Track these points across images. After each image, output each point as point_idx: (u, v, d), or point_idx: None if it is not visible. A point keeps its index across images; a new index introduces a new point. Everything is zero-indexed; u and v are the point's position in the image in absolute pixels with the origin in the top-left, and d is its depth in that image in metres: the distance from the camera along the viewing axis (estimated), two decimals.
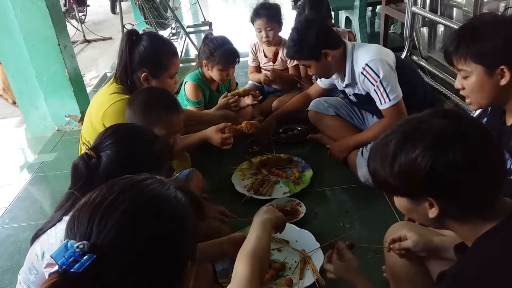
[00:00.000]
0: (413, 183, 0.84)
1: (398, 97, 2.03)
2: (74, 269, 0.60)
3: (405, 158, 0.84)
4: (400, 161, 0.85)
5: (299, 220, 1.87)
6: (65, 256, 0.61)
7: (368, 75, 2.03)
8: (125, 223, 0.66)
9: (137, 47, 1.88)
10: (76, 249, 0.62)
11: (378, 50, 2.11)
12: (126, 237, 0.65)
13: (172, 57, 1.94)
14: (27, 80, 2.98)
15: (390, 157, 0.86)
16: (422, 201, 0.87)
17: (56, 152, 2.85)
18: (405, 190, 0.89)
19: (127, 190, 0.70)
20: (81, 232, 0.66)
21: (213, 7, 6.95)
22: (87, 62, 5.08)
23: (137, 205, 0.69)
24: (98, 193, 0.70)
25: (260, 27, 2.85)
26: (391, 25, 4.45)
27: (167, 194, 0.73)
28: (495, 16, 1.28)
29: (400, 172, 0.85)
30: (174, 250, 0.70)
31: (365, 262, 1.62)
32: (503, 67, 1.22)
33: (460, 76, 1.33)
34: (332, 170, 2.27)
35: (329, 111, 2.39)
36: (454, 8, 2.52)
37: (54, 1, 2.86)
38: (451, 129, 0.83)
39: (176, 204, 0.73)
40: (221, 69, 2.51)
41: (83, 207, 0.69)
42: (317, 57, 2.09)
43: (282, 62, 2.97)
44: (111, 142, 1.16)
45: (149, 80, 1.90)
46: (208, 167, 2.33)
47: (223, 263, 1.65)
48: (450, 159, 0.80)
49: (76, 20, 6.23)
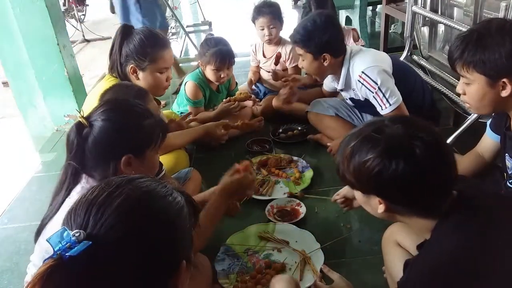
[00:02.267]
0: (364, 181, 0.96)
1: (398, 101, 2.02)
2: (70, 253, 0.61)
3: (358, 159, 0.94)
4: (354, 160, 0.95)
5: (299, 220, 1.86)
6: (61, 242, 0.62)
7: (366, 83, 2.03)
8: (121, 216, 0.67)
9: (128, 41, 1.89)
10: (72, 237, 0.63)
11: (374, 57, 2.11)
12: (121, 229, 0.66)
13: (159, 49, 1.90)
14: (26, 80, 2.97)
15: (348, 155, 0.97)
16: (372, 197, 0.98)
17: (56, 152, 2.84)
18: (358, 186, 1.00)
19: (124, 185, 0.72)
20: (78, 223, 0.67)
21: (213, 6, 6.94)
22: (87, 62, 5.07)
23: (133, 199, 0.70)
24: (96, 188, 0.72)
25: (263, 25, 2.83)
26: (392, 24, 4.44)
27: (163, 191, 0.75)
28: (503, 25, 1.26)
29: (354, 170, 0.96)
30: (169, 246, 0.71)
31: (365, 262, 1.62)
32: (505, 80, 1.22)
33: (462, 81, 1.33)
34: (332, 170, 2.26)
35: (329, 112, 2.39)
36: (455, 7, 2.50)
37: (53, 0, 2.85)
38: (402, 140, 0.91)
39: (171, 202, 0.74)
40: (214, 69, 2.53)
41: (81, 201, 0.71)
42: (316, 56, 2.11)
43: (282, 64, 2.96)
44: (103, 110, 1.18)
45: (137, 72, 1.89)
46: (208, 167, 2.32)
47: (223, 263, 1.64)
48: (394, 168, 0.89)
49: (75, 19, 6.22)
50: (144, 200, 0.72)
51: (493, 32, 1.25)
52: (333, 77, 2.30)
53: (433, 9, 2.57)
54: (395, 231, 1.37)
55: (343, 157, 0.99)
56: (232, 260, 1.66)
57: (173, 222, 0.73)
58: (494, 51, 1.22)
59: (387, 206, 0.96)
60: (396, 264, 1.28)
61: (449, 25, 2.35)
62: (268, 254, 1.69)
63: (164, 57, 1.92)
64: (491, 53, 1.23)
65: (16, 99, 3.11)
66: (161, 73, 1.93)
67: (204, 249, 1.72)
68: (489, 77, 1.25)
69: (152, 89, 1.93)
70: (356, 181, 0.98)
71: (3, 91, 4.24)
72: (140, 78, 1.91)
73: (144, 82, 1.91)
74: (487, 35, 1.25)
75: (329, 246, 1.69)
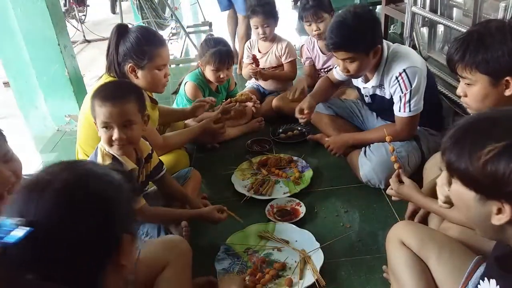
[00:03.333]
0: (501, 185, 0.77)
1: (417, 110, 1.96)
2: (10, 239, 0.63)
3: (505, 163, 0.76)
4: (498, 164, 0.77)
5: (299, 220, 1.87)
6: (2, 231, 0.64)
7: (402, 81, 1.93)
8: (59, 199, 0.71)
9: (124, 41, 1.89)
10: (13, 224, 0.65)
11: (415, 56, 2.00)
12: (60, 213, 0.70)
13: (156, 47, 1.91)
14: (27, 80, 2.98)
15: (493, 156, 0.78)
16: (491, 203, 0.80)
17: (56, 152, 2.85)
18: (482, 188, 0.81)
19: (61, 170, 0.76)
20: (19, 211, 0.69)
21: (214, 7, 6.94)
22: (87, 62, 5.07)
23: (70, 182, 0.73)
24: (35, 176, 0.75)
25: (257, 24, 2.87)
26: (391, 25, 4.45)
27: (100, 172, 0.79)
28: (502, 25, 1.27)
29: (492, 173, 0.78)
30: (107, 224, 0.74)
31: (365, 262, 1.63)
32: (508, 78, 1.22)
33: (463, 83, 1.33)
34: (332, 170, 2.27)
35: (329, 111, 2.39)
36: (454, 8, 2.52)
37: (54, 1, 2.86)
38: None
39: (108, 181, 0.78)
40: (213, 69, 2.54)
41: (21, 190, 0.74)
42: (368, 52, 1.91)
43: (276, 59, 2.98)
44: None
45: (135, 71, 1.90)
46: (208, 167, 2.33)
47: (223, 262, 1.65)
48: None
49: (76, 20, 6.23)
50: (81, 182, 0.75)
51: (493, 31, 1.25)
52: None
53: (432, 10, 2.58)
54: (399, 230, 1.37)
55: (478, 152, 0.79)
56: (232, 260, 1.67)
57: (111, 200, 0.76)
58: (497, 49, 1.22)
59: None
60: (400, 263, 1.29)
61: (448, 26, 2.36)
62: (268, 253, 1.69)
63: (162, 54, 1.92)
64: (493, 52, 1.23)
65: (17, 100, 3.12)
66: (159, 70, 1.93)
67: (205, 248, 1.74)
68: (492, 76, 1.25)
69: (151, 86, 1.95)
70: (489, 182, 0.79)
71: (4, 91, 4.24)
72: (138, 77, 1.91)
73: (143, 80, 1.91)
74: (488, 35, 1.25)
75: (329, 245, 1.70)
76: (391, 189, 1.50)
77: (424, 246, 1.25)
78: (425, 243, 1.26)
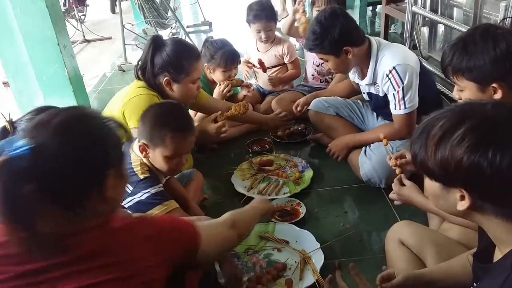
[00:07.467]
0: (451, 172, 0.80)
1: (413, 107, 1.97)
2: (17, 152, 0.79)
3: (451, 146, 0.79)
4: (445, 147, 0.80)
5: (299, 220, 1.86)
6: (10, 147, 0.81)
7: (393, 79, 1.95)
8: (59, 129, 0.85)
9: (160, 52, 1.93)
10: (20, 143, 0.81)
11: (406, 53, 2.02)
12: (58, 139, 0.84)
13: (193, 61, 1.96)
14: (27, 80, 2.97)
15: (437, 141, 0.82)
16: (453, 191, 0.83)
17: None
18: (441, 177, 0.85)
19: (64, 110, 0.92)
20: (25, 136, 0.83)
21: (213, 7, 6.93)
22: (87, 62, 5.06)
23: (69, 117, 0.89)
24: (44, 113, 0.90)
25: (260, 28, 2.88)
26: (392, 24, 4.44)
27: (95, 114, 0.94)
28: (487, 30, 1.28)
29: (442, 159, 0.81)
30: (98, 156, 0.88)
31: (365, 262, 1.63)
32: (495, 85, 1.24)
33: (456, 88, 1.35)
34: (332, 170, 2.27)
35: (329, 111, 2.39)
36: (455, 7, 2.52)
37: (53, 0, 2.85)
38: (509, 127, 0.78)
39: (102, 122, 0.92)
40: (224, 70, 2.59)
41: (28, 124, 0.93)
42: (337, 53, 2.00)
43: (276, 59, 2.99)
44: (28, 118, 1.16)
45: (171, 84, 1.95)
46: (208, 167, 2.33)
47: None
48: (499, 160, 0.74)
49: (75, 20, 6.22)
50: (78, 118, 0.91)
51: (477, 39, 1.27)
52: (355, 70, 2.19)
53: (433, 9, 2.58)
54: (399, 229, 1.37)
55: (428, 142, 0.83)
56: None
57: (103, 137, 0.91)
58: (479, 59, 1.25)
59: (473, 202, 0.81)
60: (399, 262, 1.29)
61: (449, 26, 2.36)
62: (268, 253, 1.69)
63: (198, 68, 2.00)
64: (476, 61, 1.25)
65: (16, 99, 3.11)
66: (194, 83, 1.99)
67: None
68: (478, 83, 1.27)
69: (184, 98, 2.01)
70: (441, 170, 0.82)
71: (4, 91, 4.24)
72: (174, 90, 1.97)
73: (178, 93, 1.97)
74: (471, 43, 1.27)
75: (329, 246, 1.70)
76: (393, 193, 1.50)
77: (423, 246, 1.25)
78: (424, 244, 1.26)
